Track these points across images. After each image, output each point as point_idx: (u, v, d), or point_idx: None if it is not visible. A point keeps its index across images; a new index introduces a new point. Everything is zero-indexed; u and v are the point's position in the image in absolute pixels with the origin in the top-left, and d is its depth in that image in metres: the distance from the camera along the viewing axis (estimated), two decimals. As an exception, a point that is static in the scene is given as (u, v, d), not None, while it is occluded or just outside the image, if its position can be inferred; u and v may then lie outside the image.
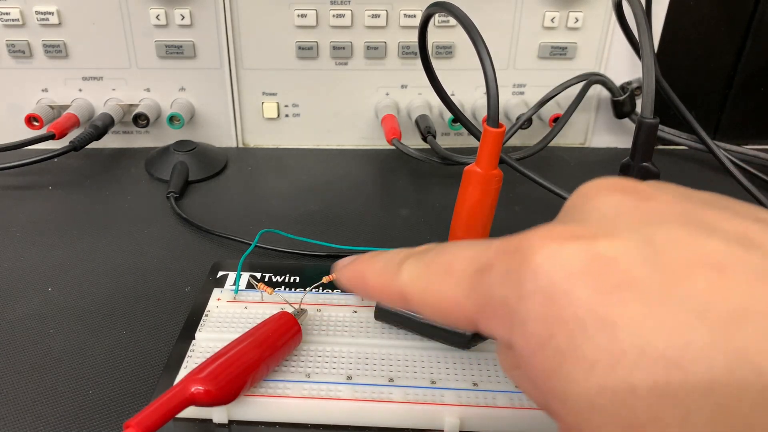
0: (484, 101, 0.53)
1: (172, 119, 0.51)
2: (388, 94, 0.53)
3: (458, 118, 0.45)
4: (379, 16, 0.50)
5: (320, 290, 0.33)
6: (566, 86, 0.50)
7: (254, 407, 0.26)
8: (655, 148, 0.32)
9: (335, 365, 0.28)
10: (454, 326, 0.20)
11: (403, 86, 0.53)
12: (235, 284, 0.33)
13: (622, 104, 0.52)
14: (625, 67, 0.52)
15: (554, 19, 0.50)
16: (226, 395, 0.25)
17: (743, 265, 0.14)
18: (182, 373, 0.28)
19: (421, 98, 0.53)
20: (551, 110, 0.52)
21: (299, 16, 0.50)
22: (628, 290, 0.14)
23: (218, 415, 0.26)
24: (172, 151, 0.50)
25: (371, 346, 0.30)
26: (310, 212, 0.45)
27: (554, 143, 0.51)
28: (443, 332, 0.28)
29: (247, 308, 0.32)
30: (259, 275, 0.35)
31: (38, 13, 0.49)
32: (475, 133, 0.47)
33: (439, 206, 0.46)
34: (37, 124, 0.50)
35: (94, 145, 0.50)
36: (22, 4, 0.49)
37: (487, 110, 0.31)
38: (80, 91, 0.52)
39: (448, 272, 0.19)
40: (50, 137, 0.48)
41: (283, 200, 0.47)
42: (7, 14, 0.49)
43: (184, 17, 0.49)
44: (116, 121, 0.51)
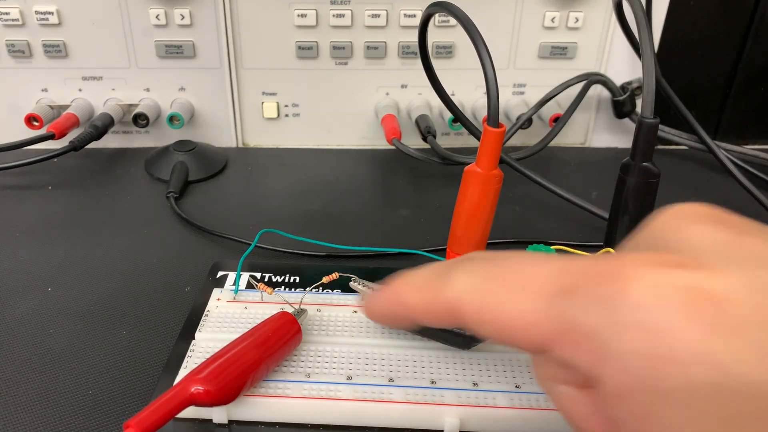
0: (484, 101, 0.53)
1: (171, 119, 0.51)
2: (388, 94, 0.53)
3: (458, 118, 0.45)
4: (379, 15, 0.50)
5: (320, 290, 0.33)
6: (566, 86, 0.50)
7: (254, 407, 0.26)
8: (655, 148, 0.32)
9: (335, 365, 0.28)
10: (515, 346, 0.18)
11: (403, 86, 0.53)
12: (235, 284, 0.33)
13: (622, 104, 0.52)
14: (625, 67, 0.52)
15: (554, 18, 0.50)
16: (226, 395, 0.25)
17: None
18: (182, 373, 0.28)
19: (421, 98, 0.53)
20: (551, 110, 0.52)
21: (299, 15, 0.50)
22: (740, 336, 0.13)
23: (218, 415, 0.26)
24: (171, 151, 0.50)
25: (371, 346, 0.30)
26: (310, 212, 0.45)
27: (554, 143, 0.51)
28: (443, 333, 0.28)
29: (247, 308, 0.32)
30: (259, 275, 0.35)
31: (38, 12, 0.49)
32: (475, 133, 0.47)
33: (439, 206, 0.46)
34: (36, 124, 0.50)
35: (93, 145, 0.50)
36: (21, 4, 0.49)
37: (487, 110, 0.31)
38: (80, 91, 0.52)
39: (524, 289, 0.17)
40: (50, 137, 0.48)
41: (283, 200, 0.46)
42: (6, 14, 0.49)
43: (183, 17, 0.49)
44: (116, 121, 0.51)
